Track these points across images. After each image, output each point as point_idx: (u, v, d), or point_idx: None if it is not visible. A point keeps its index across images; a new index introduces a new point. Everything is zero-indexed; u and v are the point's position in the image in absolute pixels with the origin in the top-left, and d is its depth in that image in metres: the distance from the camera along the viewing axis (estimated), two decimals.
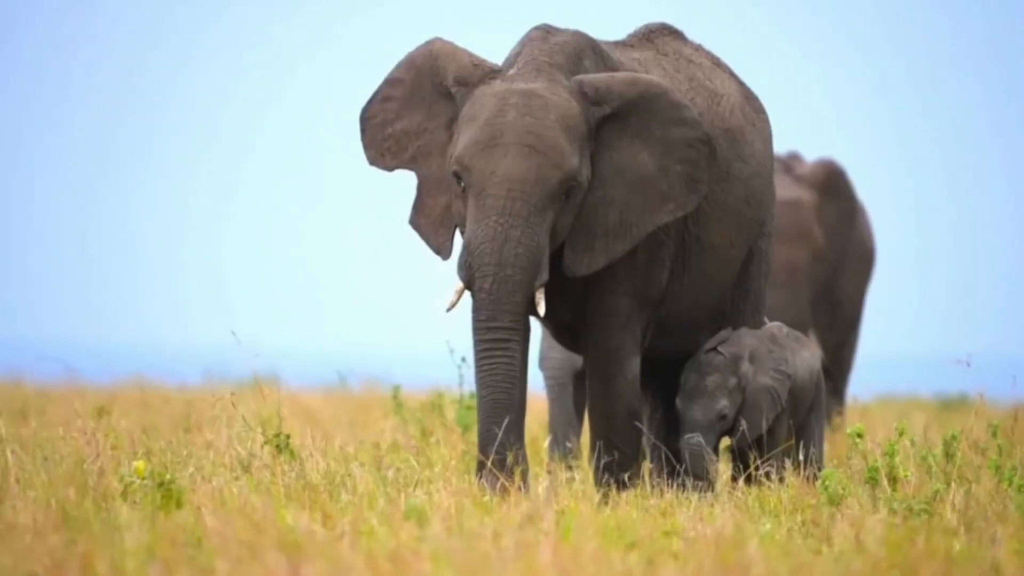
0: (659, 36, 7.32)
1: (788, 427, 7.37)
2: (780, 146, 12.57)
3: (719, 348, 7.24)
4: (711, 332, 7.34)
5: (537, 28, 7.01)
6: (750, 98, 7.36)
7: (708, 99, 7.16)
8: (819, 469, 7.32)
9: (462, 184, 6.82)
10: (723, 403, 7.17)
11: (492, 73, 6.93)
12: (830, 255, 12.29)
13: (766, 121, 7.41)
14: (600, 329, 7.01)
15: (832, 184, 12.32)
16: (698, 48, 7.37)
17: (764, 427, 7.23)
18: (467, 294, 6.88)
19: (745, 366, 7.22)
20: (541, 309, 6.80)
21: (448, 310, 6.88)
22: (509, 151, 6.74)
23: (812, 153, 12.58)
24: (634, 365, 7.04)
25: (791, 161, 12.44)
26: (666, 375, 7.37)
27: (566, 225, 6.85)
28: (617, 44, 7.25)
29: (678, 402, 7.22)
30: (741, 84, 7.38)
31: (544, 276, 6.78)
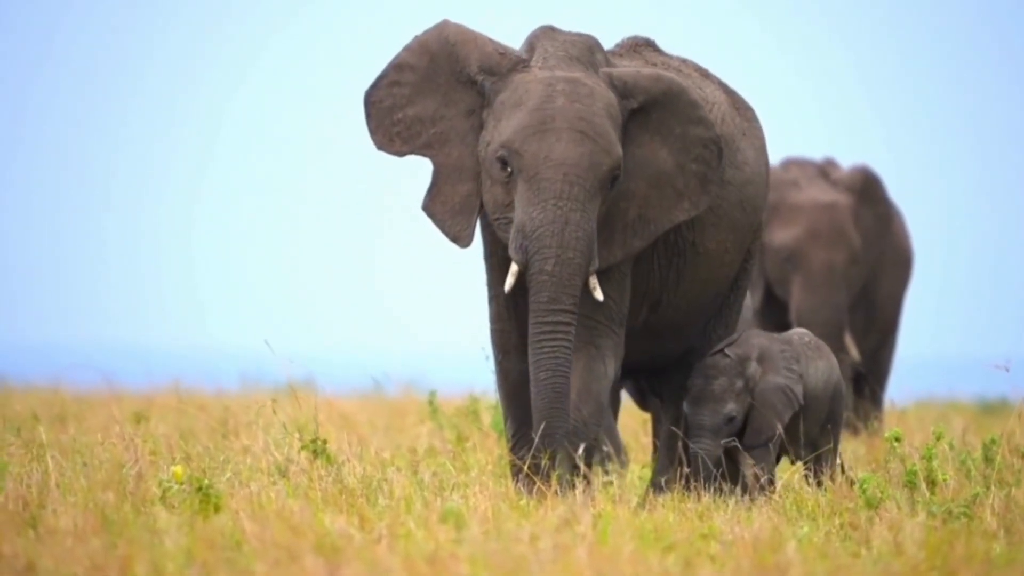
0: (643, 49, 7.34)
1: (805, 437, 7.27)
2: (812, 152, 12.58)
3: (726, 351, 7.19)
4: (704, 334, 7.30)
5: (542, 28, 7.02)
6: (740, 108, 7.37)
7: None
8: (829, 480, 7.19)
9: (508, 169, 6.80)
10: (730, 407, 7.11)
11: (522, 62, 6.93)
12: (867, 259, 12.27)
13: (759, 129, 7.41)
14: (587, 324, 6.92)
15: (869, 190, 12.31)
16: (684, 60, 7.39)
17: (779, 426, 7.16)
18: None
19: (752, 367, 7.15)
20: (599, 294, 6.79)
21: (506, 290, 6.82)
22: (562, 136, 6.74)
23: (846, 159, 12.58)
24: (614, 365, 6.97)
25: (827, 167, 12.43)
26: (665, 378, 7.35)
27: (601, 215, 6.86)
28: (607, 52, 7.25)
29: (685, 406, 7.17)
30: (730, 94, 7.39)
31: (596, 262, 6.78)
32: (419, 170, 7.11)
